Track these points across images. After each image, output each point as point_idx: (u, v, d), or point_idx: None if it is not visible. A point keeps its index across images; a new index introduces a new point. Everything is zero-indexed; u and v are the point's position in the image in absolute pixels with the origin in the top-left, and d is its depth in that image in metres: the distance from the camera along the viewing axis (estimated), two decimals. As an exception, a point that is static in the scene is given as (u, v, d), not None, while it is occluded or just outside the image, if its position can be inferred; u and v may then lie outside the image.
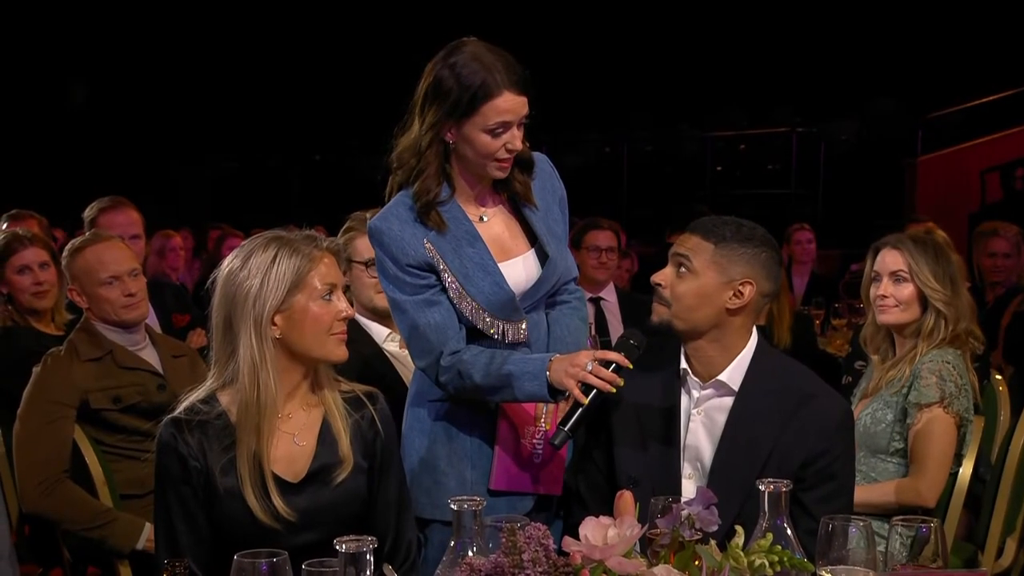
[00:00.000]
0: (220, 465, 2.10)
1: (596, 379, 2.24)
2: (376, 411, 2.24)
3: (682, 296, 2.33)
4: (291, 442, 2.15)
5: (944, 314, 3.00)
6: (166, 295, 4.89)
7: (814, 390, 2.37)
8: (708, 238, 2.34)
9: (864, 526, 1.78)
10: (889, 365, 3.07)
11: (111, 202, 4.42)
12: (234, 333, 2.10)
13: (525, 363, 2.35)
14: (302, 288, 2.10)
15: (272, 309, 2.08)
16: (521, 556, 1.62)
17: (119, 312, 3.23)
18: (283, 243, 2.12)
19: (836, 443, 2.31)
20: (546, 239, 2.49)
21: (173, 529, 2.11)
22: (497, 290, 2.42)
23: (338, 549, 1.62)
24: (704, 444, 2.36)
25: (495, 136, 2.34)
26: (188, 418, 2.12)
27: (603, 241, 5.09)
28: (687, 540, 1.70)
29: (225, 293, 2.12)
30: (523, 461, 2.50)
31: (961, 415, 2.94)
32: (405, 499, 2.28)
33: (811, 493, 2.26)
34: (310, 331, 2.11)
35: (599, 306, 5.09)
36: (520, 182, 2.49)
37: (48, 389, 3.12)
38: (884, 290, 3.05)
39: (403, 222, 2.40)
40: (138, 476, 3.14)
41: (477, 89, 2.30)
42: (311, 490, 2.14)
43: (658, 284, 2.37)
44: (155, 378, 3.25)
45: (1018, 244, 5.42)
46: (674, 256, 2.37)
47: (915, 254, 3.03)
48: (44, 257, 3.84)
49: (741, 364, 2.36)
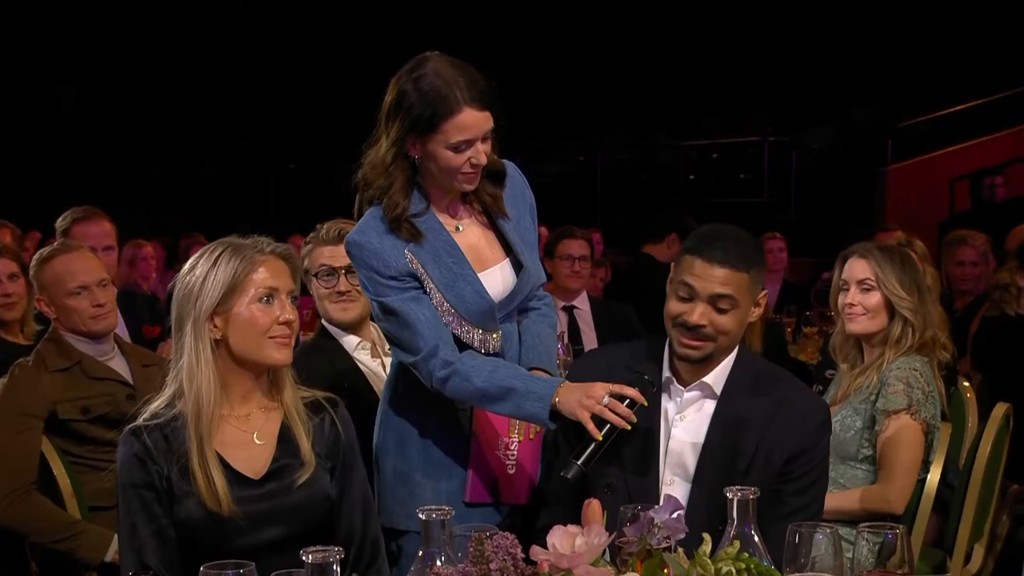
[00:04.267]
0: (178, 467, 2.12)
1: (612, 415, 2.22)
2: (336, 414, 2.26)
3: (729, 330, 2.31)
4: (251, 440, 2.18)
5: (911, 322, 3.03)
6: (137, 305, 4.86)
7: (795, 390, 2.41)
8: (739, 268, 2.29)
9: (831, 533, 1.80)
10: (857, 372, 3.10)
11: (84, 212, 4.39)
12: (182, 335, 2.14)
13: (531, 382, 2.34)
14: (239, 290, 2.13)
15: (208, 309, 2.12)
16: (489, 565, 1.62)
17: (87, 323, 3.21)
18: (228, 246, 2.16)
19: (817, 441, 2.35)
20: (520, 249, 2.50)
21: (137, 535, 2.12)
22: (478, 299, 2.42)
23: (304, 560, 1.61)
24: (687, 450, 2.36)
25: (458, 152, 2.34)
26: (147, 424, 2.14)
27: (576, 250, 5.10)
28: (655, 548, 1.70)
29: (176, 293, 2.17)
30: (497, 473, 2.50)
31: (928, 422, 2.97)
32: (369, 499, 2.31)
33: (790, 485, 2.30)
34: (246, 333, 2.13)
35: (572, 315, 5.10)
36: (490, 194, 2.49)
37: (16, 400, 3.09)
38: (852, 299, 3.09)
39: (381, 235, 2.40)
40: (106, 488, 3.11)
41: (438, 106, 2.30)
42: (273, 488, 2.15)
43: (700, 326, 2.30)
44: (124, 388, 3.22)
45: (986, 253, 5.48)
46: (714, 297, 2.29)
47: (881, 262, 3.07)
48: (13, 268, 3.81)
49: (725, 368, 2.37)
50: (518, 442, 2.50)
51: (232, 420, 2.17)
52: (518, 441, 2.50)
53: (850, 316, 3.09)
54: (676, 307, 2.33)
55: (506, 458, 2.50)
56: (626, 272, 6.72)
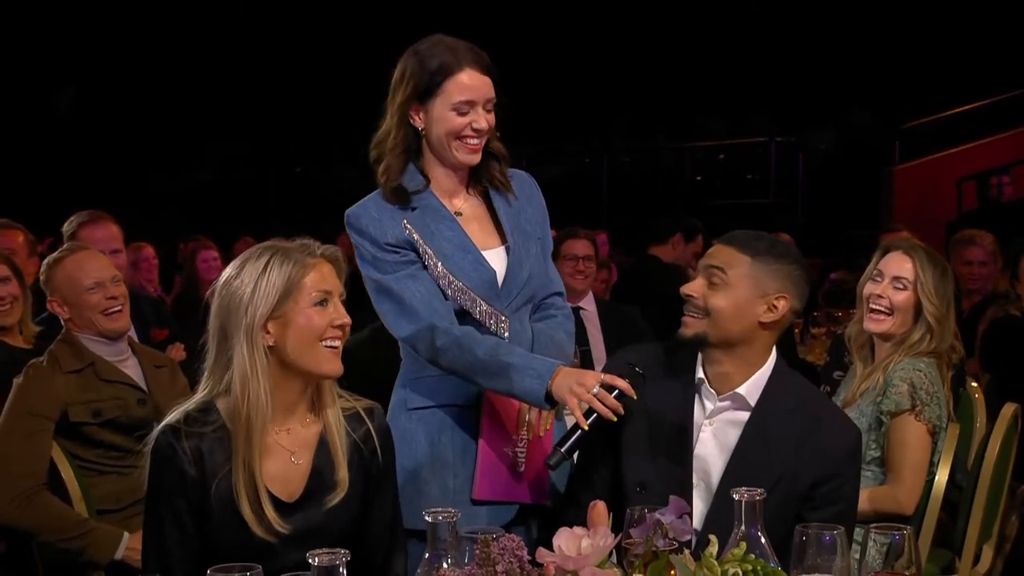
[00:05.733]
0: (217, 477, 2.06)
1: (600, 405, 2.22)
2: (374, 427, 2.21)
3: (718, 308, 2.30)
4: (288, 460, 2.12)
5: (934, 329, 3.02)
6: (144, 308, 4.85)
7: (828, 413, 2.38)
8: (744, 251, 2.31)
9: (838, 534, 1.79)
10: (864, 374, 3.09)
11: (90, 216, 4.39)
12: (229, 342, 2.08)
13: (530, 360, 2.34)
14: (294, 294, 2.07)
15: (263, 316, 2.06)
16: (495, 567, 1.62)
17: (101, 320, 3.22)
18: (276, 251, 2.10)
19: (847, 467, 2.31)
20: (511, 233, 2.50)
21: (163, 541, 2.07)
22: (479, 267, 2.43)
23: (311, 562, 1.61)
24: (713, 457, 2.34)
25: (460, 115, 2.38)
26: (187, 429, 2.08)
27: (580, 250, 5.10)
28: (661, 550, 1.70)
29: (220, 302, 2.10)
30: (506, 470, 2.49)
31: (933, 422, 2.96)
32: (399, 513, 2.28)
33: (817, 513, 2.25)
34: (301, 338, 2.08)
35: (578, 316, 5.08)
36: (499, 171, 2.52)
37: (28, 401, 3.09)
38: (883, 291, 3.07)
39: (380, 206, 2.44)
40: (113, 491, 3.12)
41: (439, 66, 2.37)
42: (305, 511, 2.11)
43: (690, 296, 2.32)
44: (135, 392, 3.23)
45: (994, 252, 5.46)
46: (706, 268, 2.32)
47: (924, 265, 3.06)
48: (4, 272, 3.79)
49: (760, 380, 2.34)
50: (527, 440, 2.49)
51: (272, 435, 2.11)
52: (527, 439, 2.49)
53: (872, 312, 3.07)
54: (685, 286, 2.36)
55: (515, 456, 2.49)
56: (631, 274, 6.71)
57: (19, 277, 3.80)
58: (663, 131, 13.27)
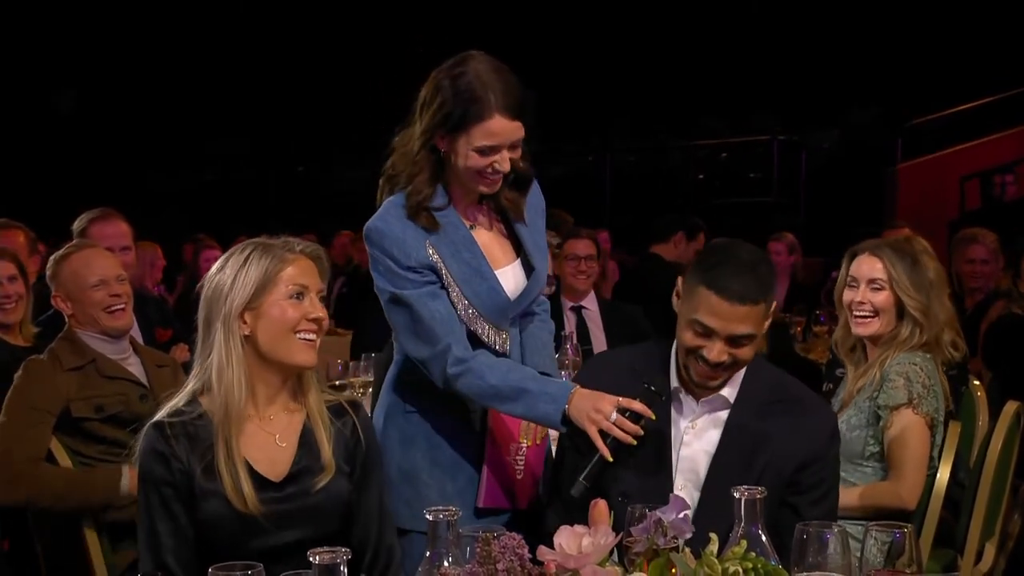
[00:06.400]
0: (202, 465, 2.13)
1: (619, 432, 2.23)
2: (358, 420, 2.27)
3: (749, 357, 2.31)
4: (273, 442, 2.19)
5: (920, 323, 3.01)
6: (148, 308, 4.86)
7: (805, 399, 2.39)
8: (758, 301, 2.25)
9: (839, 532, 1.79)
10: (860, 372, 3.08)
11: (101, 213, 4.40)
12: (210, 333, 2.17)
13: (545, 384, 2.36)
14: (270, 287, 2.16)
15: (239, 306, 2.15)
16: (496, 566, 1.62)
17: (103, 317, 3.23)
18: (258, 246, 2.20)
19: (828, 449, 2.34)
20: (532, 252, 2.51)
21: (156, 531, 2.13)
22: (494, 295, 2.43)
23: (312, 561, 1.61)
24: (699, 456, 2.35)
25: (482, 155, 2.34)
26: (171, 420, 2.16)
27: (582, 249, 5.09)
28: (661, 548, 1.70)
29: (204, 294, 2.21)
30: (508, 479, 2.51)
31: (932, 416, 2.96)
32: (386, 507, 2.32)
33: (804, 496, 2.28)
34: (275, 329, 2.16)
35: (580, 315, 5.09)
36: (509, 199, 2.50)
37: (29, 394, 3.10)
38: (862, 296, 3.07)
39: (403, 223, 2.40)
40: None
41: (469, 107, 2.31)
42: (292, 491, 2.17)
43: (721, 363, 2.27)
44: (137, 388, 3.24)
45: (997, 251, 5.46)
46: (731, 339, 2.25)
47: (895, 262, 3.05)
48: (12, 270, 3.81)
49: (737, 377, 2.35)
50: (527, 447, 2.50)
51: (256, 421, 2.19)
52: (527, 446, 2.50)
53: (858, 317, 3.07)
54: (692, 340, 2.27)
55: (516, 463, 2.50)
56: (634, 273, 6.71)
57: (25, 277, 3.81)
58: (665, 130, 13.25)
